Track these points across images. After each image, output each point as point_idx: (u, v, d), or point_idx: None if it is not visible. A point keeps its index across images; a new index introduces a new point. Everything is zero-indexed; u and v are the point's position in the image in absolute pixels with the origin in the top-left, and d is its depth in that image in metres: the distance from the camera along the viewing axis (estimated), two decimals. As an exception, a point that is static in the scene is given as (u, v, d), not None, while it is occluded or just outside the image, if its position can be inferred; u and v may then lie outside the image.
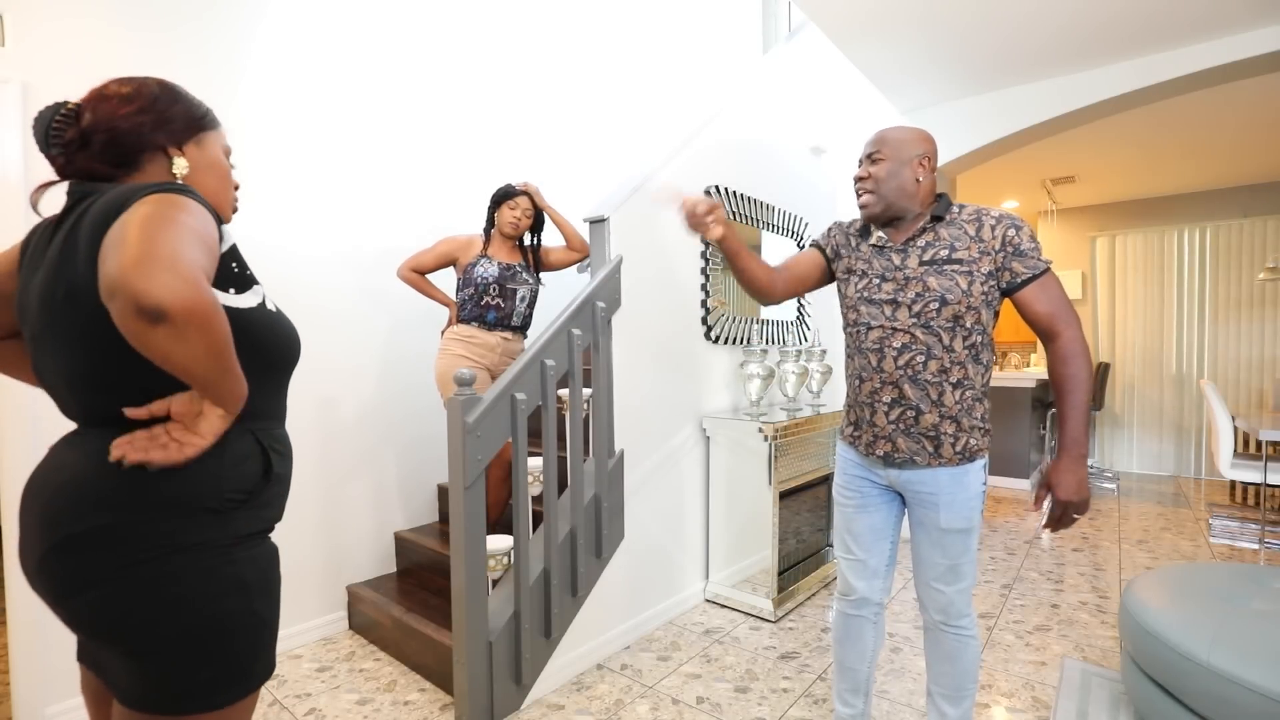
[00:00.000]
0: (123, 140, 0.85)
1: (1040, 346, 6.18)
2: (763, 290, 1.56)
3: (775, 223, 3.14)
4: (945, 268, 1.35)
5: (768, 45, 4.45)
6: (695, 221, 1.44)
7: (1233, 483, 4.48)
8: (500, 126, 3.13)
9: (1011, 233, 1.33)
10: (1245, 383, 5.17)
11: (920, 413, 1.37)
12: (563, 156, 3.47)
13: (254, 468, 0.86)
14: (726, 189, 2.80)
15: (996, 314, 1.40)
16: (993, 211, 1.37)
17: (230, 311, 0.81)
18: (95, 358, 0.77)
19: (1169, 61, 2.68)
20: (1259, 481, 3.41)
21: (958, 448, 1.37)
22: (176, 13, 2.07)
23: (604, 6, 3.82)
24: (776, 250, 3.21)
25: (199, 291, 0.68)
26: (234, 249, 0.85)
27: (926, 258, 1.37)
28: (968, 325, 1.35)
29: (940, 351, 1.36)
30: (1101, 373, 5.18)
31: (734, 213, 2.85)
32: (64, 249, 0.79)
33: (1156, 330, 5.53)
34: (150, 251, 0.66)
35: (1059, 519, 1.31)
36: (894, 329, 1.39)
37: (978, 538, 1.42)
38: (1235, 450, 3.84)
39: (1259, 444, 4.57)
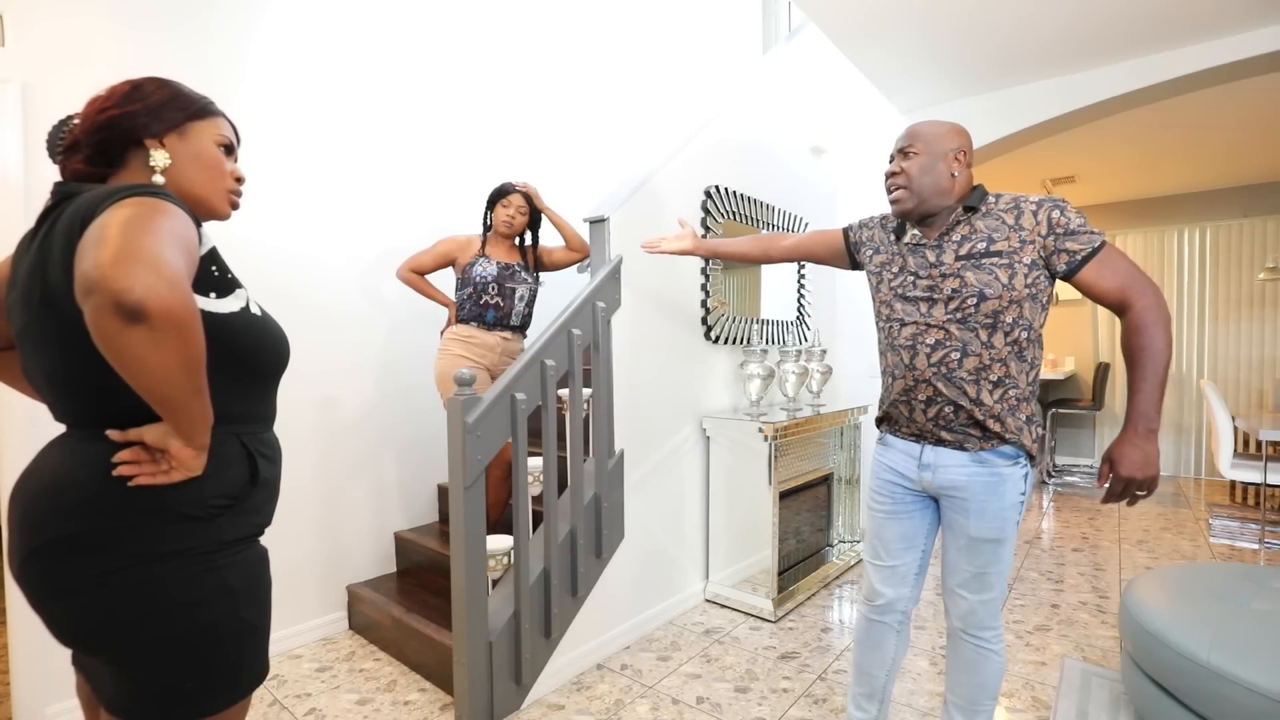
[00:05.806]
0: (100, 138, 0.85)
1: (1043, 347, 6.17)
2: (759, 262, 1.91)
3: (775, 223, 3.14)
4: (983, 261, 1.29)
5: (768, 45, 4.44)
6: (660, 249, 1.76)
7: (1233, 483, 4.48)
8: (500, 127, 3.13)
9: (1056, 214, 1.26)
10: (1245, 383, 5.17)
11: (959, 408, 1.32)
12: (562, 156, 3.47)
13: (239, 473, 0.84)
14: (726, 189, 2.80)
15: (1045, 308, 1.32)
16: (1032, 197, 1.31)
17: (211, 317, 0.79)
18: (73, 359, 0.76)
19: (1169, 61, 2.68)
20: (1259, 481, 3.41)
21: (1004, 432, 1.31)
22: (176, 12, 2.07)
23: (604, 6, 3.82)
24: (776, 250, 3.20)
25: (181, 295, 0.66)
26: (214, 252, 0.83)
27: (963, 252, 1.32)
28: (1009, 320, 1.29)
29: (978, 348, 1.30)
30: (1101, 373, 5.18)
31: (734, 213, 2.85)
32: (40, 251, 0.78)
33: (1156, 330, 5.52)
34: (131, 250, 0.65)
35: (1119, 494, 1.24)
36: (928, 325, 1.35)
37: (1012, 549, 1.36)
38: (1235, 450, 3.84)
39: (1259, 444, 4.57)
